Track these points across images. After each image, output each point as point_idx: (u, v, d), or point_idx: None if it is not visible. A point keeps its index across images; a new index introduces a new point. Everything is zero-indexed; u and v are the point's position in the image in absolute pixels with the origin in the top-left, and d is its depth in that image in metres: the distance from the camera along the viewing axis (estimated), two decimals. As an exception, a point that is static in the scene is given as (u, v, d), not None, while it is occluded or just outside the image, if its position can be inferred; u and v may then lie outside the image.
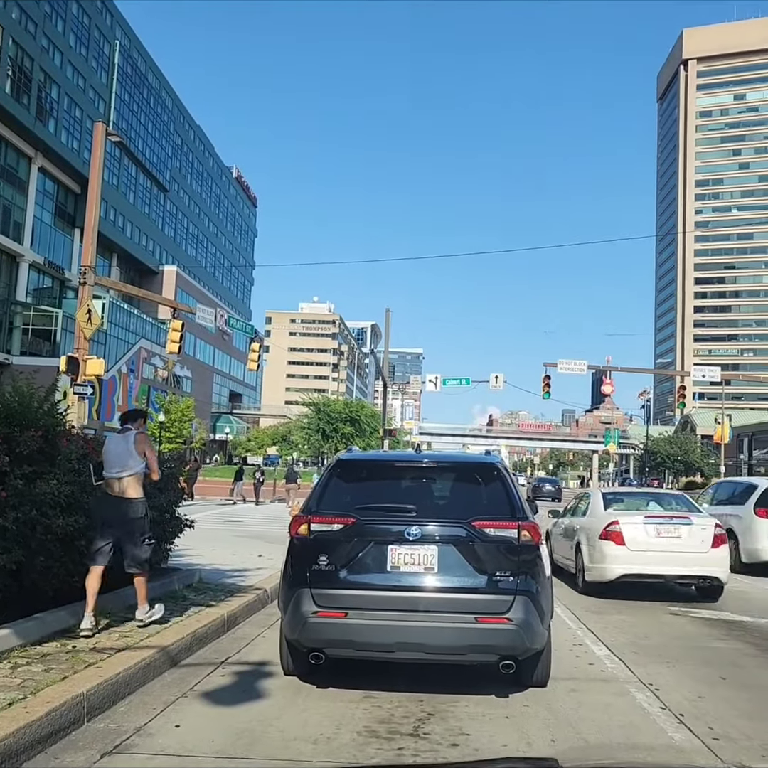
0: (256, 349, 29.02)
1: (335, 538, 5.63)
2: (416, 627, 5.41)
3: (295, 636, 5.63)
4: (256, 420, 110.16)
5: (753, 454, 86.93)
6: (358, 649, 5.60)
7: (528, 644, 5.50)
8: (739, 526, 15.16)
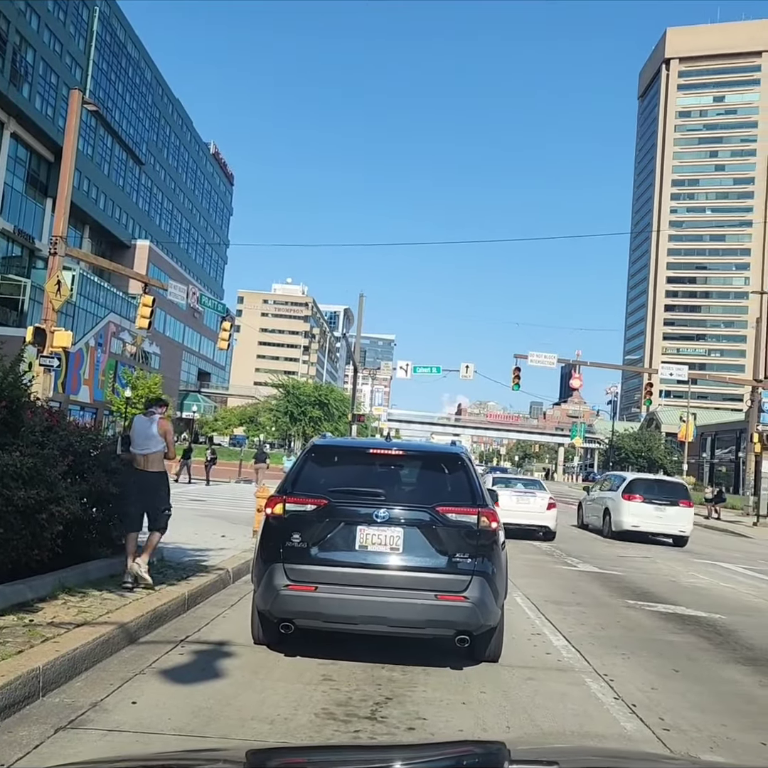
0: (227, 329, 28.80)
1: (308, 518, 6.05)
2: (380, 602, 5.85)
3: (267, 607, 6.06)
4: (224, 400, 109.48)
5: (715, 453, 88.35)
6: (325, 620, 6.03)
7: (482, 621, 5.98)
8: (612, 505, 21.82)
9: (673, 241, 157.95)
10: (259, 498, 13.42)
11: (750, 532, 29.45)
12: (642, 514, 20.97)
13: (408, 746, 2.65)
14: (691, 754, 4.73)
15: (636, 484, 22.11)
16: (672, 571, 14.76)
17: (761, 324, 37.89)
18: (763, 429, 34.59)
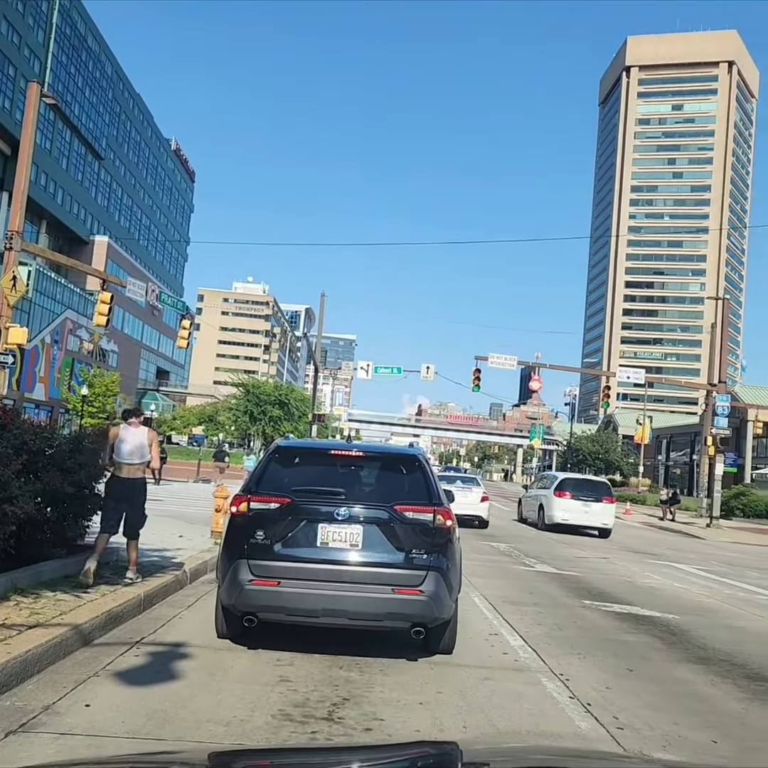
0: (186, 327, 28.51)
1: (272, 516, 6.32)
2: (340, 596, 6.13)
3: (231, 601, 6.27)
4: (183, 398, 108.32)
5: (670, 456, 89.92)
6: (288, 613, 6.29)
7: (437, 614, 6.28)
8: (545, 501, 24.51)
9: (632, 247, 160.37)
10: (217, 498, 13.31)
11: (703, 534, 30.01)
12: (571, 509, 23.68)
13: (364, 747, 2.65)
14: (644, 753, 4.80)
15: (566, 482, 24.75)
16: (628, 572, 14.98)
17: (716, 329, 38.62)
18: (717, 432, 35.26)
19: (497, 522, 26.38)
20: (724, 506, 38.56)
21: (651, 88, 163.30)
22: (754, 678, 7.03)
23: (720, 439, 35.58)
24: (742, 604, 11.95)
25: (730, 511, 41.49)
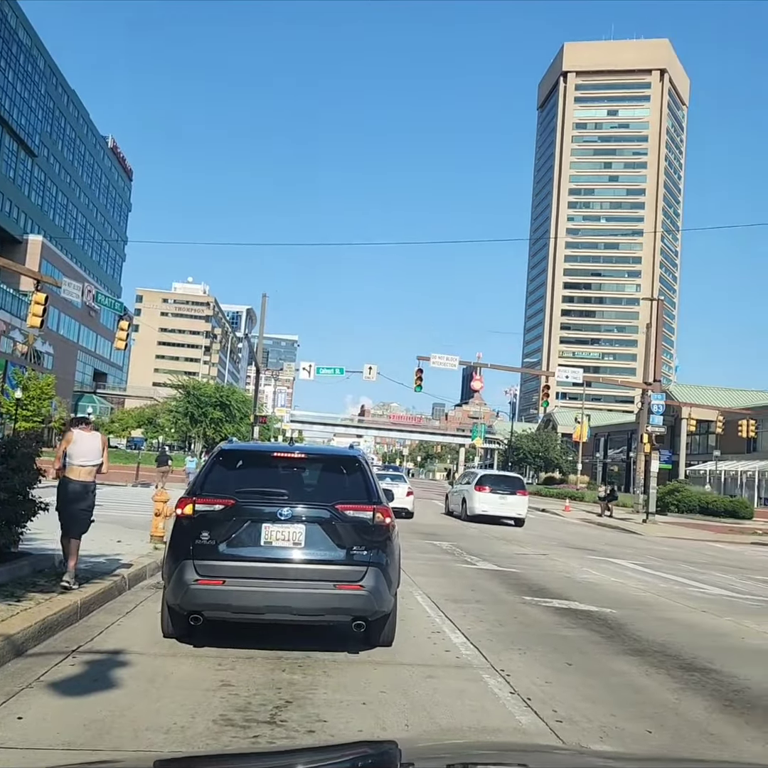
0: (124, 328, 27.98)
1: (216, 517, 6.50)
2: (284, 593, 6.37)
3: (177, 601, 6.43)
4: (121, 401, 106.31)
5: (608, 453, 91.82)
6: (233, 611, 6.49)
7: (377, 607, 6.54)
8: (467, 495, 27.36)
9: (570, 248, 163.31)
10: (156, 502, 13.10)
11: (640, 529, 30.73)
12: (489, 501, 26.61)
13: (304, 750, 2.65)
14: (582, 745, 4.89)
15: (485, 478, 27.87)
16: (567, 568, 15.25)
17: (651, 329, 39.59)
18: (652, 430, 36.12)
19: (427, 515, 29.18)
20: (660, 502, 39.51)
21: (587, 94, 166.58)
22: (687, 668, 7.23)
23: (655, 436, 36.47)
24: (677, 596, 12.27)
25: (666, 507, 42.56)
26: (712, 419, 52.73)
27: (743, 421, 47.60)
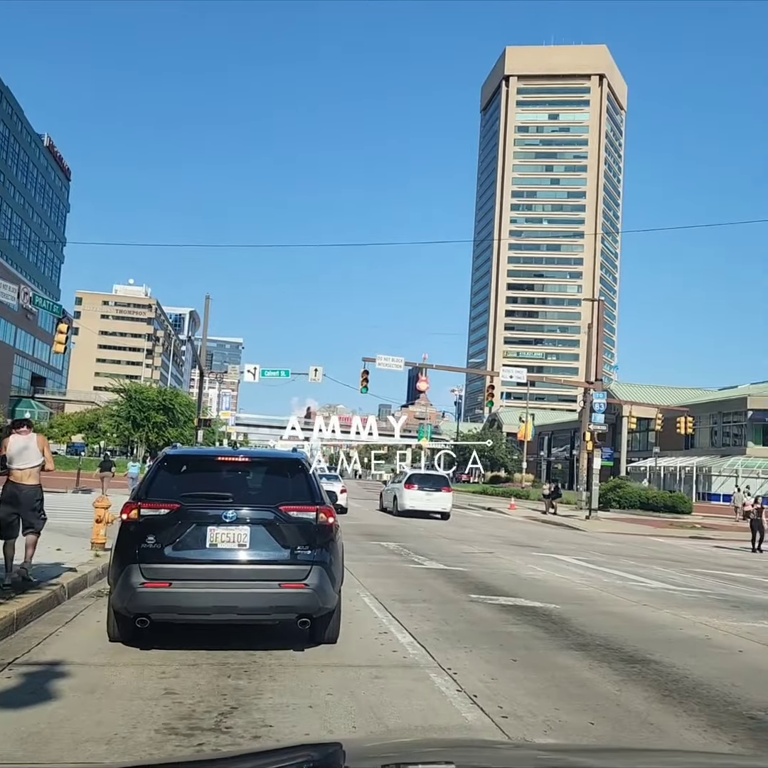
0: (63, 331, 27.32)
1: (162, 521, 6.60)
2: (230, 593, 6.52)
3: (124, 605, 6.51)
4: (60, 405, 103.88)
5: (552, 452, 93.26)
6: (180, 613, 6.59)
7: (321, 604, 6.73)
8: (398, 493, 30.12)
9: (513, 250, 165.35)
10: (97, 508, 12.83)
11: (583, 526, 31.26)
12: (417, 498, 29.49)
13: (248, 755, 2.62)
14: (526, 739, 4.95)
15: (413, 477, 30.26)
16: (512, 565, 15.41)
17: (592, 329, 40.32)
18: (594, 428, 36.78)
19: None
20: (602, 498, 40.27)
21: (529, 97, 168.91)
22: (628, 661, 7.37)
23: (597, 434, 37.14)
24: (619, 591, 12.51)
25: (608, 503, 43.39)
26: (652, 417, 54.00)
27: (681, 418, 48.91)
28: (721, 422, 63.77)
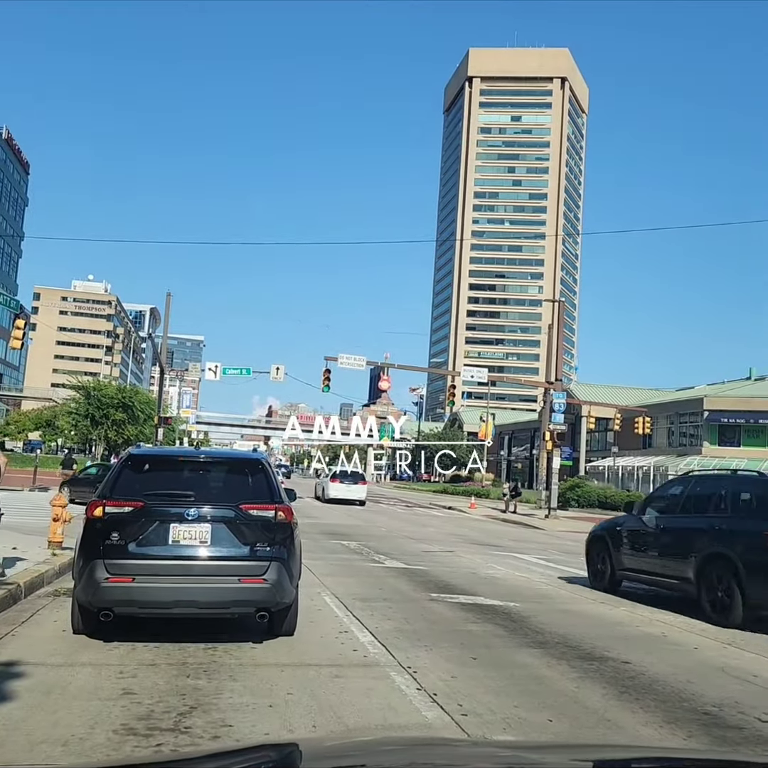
0: (20, 327, 26.78)
1: (126, 519, 6.85)
2: (191, 588, 6.76)
3: (88, 599, 6.75)
4: (17, 402, 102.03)
5: (512, 451, 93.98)
6: (141, 607, 6.86)
7: (279, 599, 6.99)
8: (325, 485, 38.22)
9: (475, 250, 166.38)
10: (54, 506, 12.64)
11: (542, 524, 31.57)
12: (339, 489, 36.92)
13: (204, 757, 2.61)
14: (486, 737, 4.99)
15: (337, 473, 38.93)
16: (472, 564, 15.51)
17: (553, 330, 40.73)
18: (554, 428, 37.16)
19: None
20: (561, 498, 40.67)
21: (492, 99, 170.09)
22: (586, 658, 7.48)
23: (557, 434, 37.53)
24: (577, 589, 12.66)
25: (567, 502, 43.86)
26: (611, 417, 54.70)
27: (639, 418, 49.60)
28: (678, 422, 64.85)
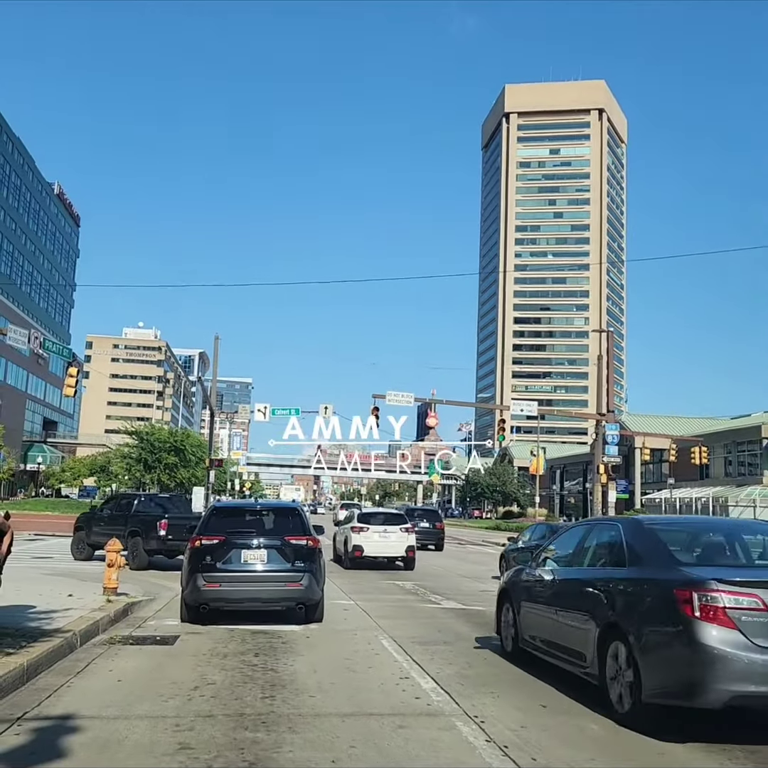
0: (73, 374, 27.30)
1: (214, 547, 10.78)
2: (256, 590, 10.78)
3: (192, 598, 10.68)
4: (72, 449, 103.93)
5: (564, 485, 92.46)
6: (226, 602, 10.82)
7: (310, 596, 10.96)
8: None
9: (519, 284, 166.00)
10: (109, 552, 12.59)
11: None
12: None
13: None
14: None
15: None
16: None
17: (602, 361, 40.11)
18: (608, 460, 36.41)
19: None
20: (619, 532, 39.63)
21: (529, 133, 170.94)
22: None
23: (611, 466, 36.74)
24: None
25: (624, 536, 42.69)
26: (665, 447, 53.45)
27: (695, 448, 48.31)
28: (736, 451, 63.12)
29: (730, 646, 5.44)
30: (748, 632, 5.48)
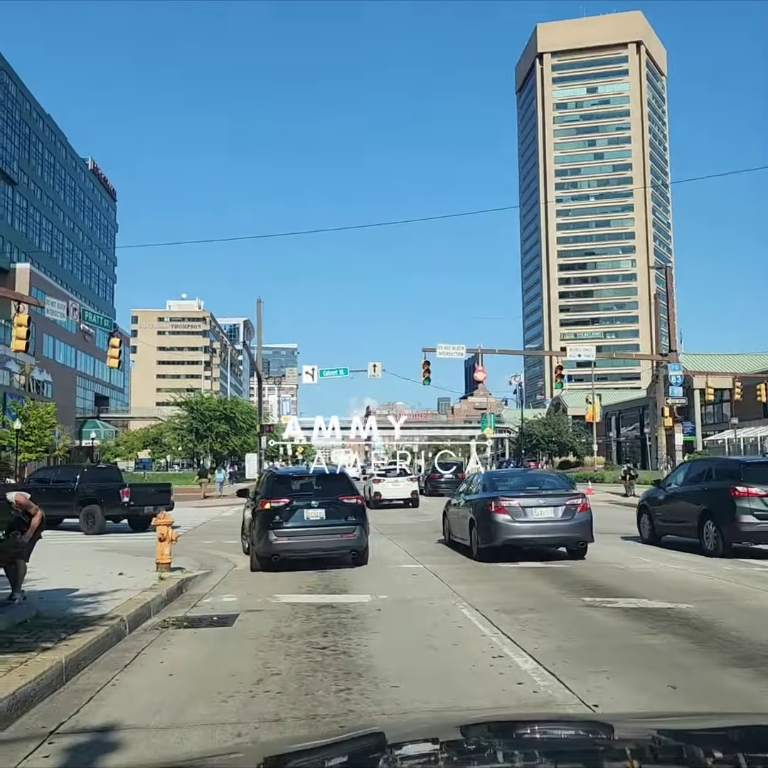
0: (116, 345, 26.55)
1: (281, 508, 12.58)
2: (318, 541, 12.58)
3: (265, 550, 12.37)
4: (125, 423, 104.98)
5: (621, 431, 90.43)
6: (294, 553, 12.48)
7: (361, 544, 12.86)
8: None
9: (561, 230, 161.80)
10: (160, 525, 11.76)
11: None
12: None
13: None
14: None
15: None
16: (616, 557, 13.84)
17: (659, 300, 38.24)
18: (673, 402, 34.75)
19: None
20: (686, 476, 38.07)
21: (565, 73, 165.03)
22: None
23: (677, 408, 35.10)
24: (748, 580, 10.88)
25: (691, 481, 41.08)
26: (726, 387, 51.35)
27: (761, 385, 46.15)
28: (803, 386, 60.44)
29: (504, 521, 12.95)
30: (512, 515, 12.97)
